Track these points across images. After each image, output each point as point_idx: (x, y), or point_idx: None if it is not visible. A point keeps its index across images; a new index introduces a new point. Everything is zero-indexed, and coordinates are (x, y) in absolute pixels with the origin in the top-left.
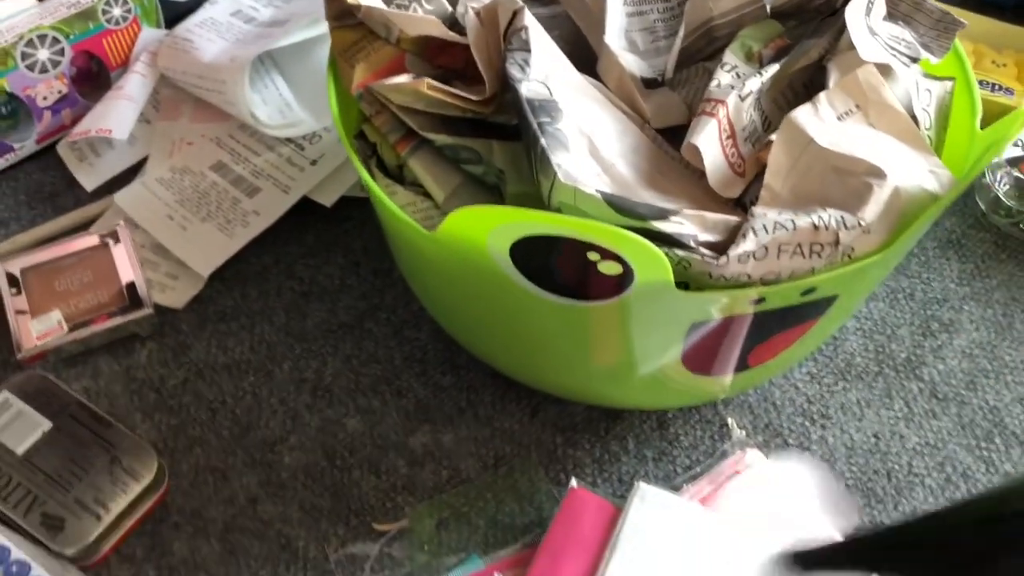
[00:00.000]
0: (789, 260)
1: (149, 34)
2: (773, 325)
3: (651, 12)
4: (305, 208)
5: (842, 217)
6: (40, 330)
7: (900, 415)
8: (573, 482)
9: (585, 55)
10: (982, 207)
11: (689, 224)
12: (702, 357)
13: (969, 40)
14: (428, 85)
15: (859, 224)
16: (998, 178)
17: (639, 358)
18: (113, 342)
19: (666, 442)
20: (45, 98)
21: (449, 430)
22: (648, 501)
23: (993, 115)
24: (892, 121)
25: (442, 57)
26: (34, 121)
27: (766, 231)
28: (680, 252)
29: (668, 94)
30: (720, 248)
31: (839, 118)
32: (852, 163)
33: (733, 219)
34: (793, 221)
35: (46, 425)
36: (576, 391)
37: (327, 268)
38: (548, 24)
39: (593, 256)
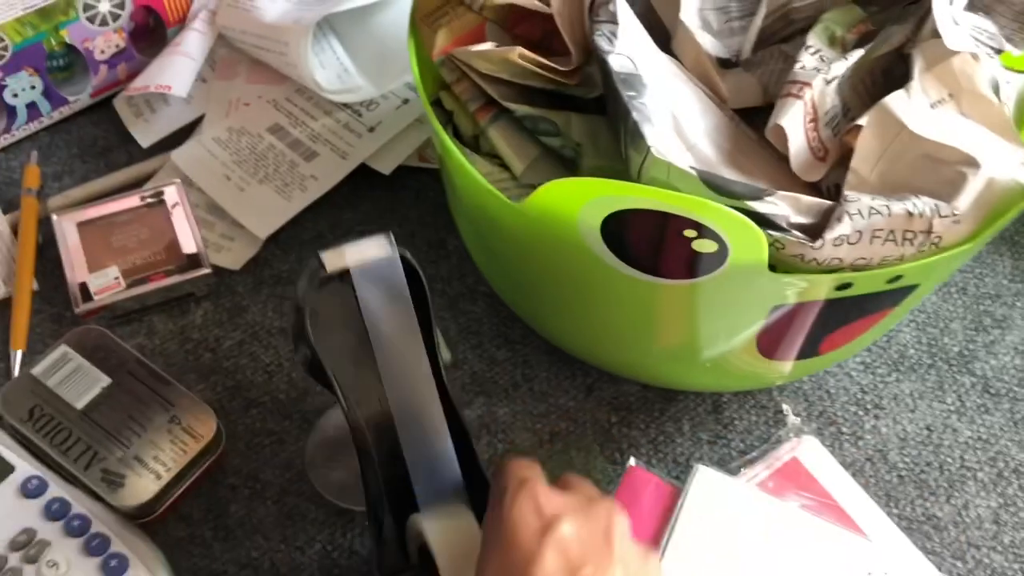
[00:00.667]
0: (882, 246)
1: None
2: (852, 312)
3: None
4: (362, 175)
5: (936, 205)
6: (98, 285)
7: (952, 408)
8: (632, 460)
9: (657, 34)
10: None
11: (784, 205)
12: (775, 340)
13: None
14: (520, 54)
15: (952, 213)
16: None
17: (710, 338)
18: (168, 301)
19: (721, 425)
20: (103, 51)
21: (504, 403)
22: (707, 483)
23: None
24: (985, 111)
25: (521, 26)
26: (90, 74)
27: (862, 216)
28: (775, 233)
29: (743, 75)
30: (811, 231)
31: (932, 106)
32: (946, 151)
33: (826, 203)
34: (888, 207)
35: (105, 381)
36: (637, 369)
37: None
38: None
39: (690, 233)
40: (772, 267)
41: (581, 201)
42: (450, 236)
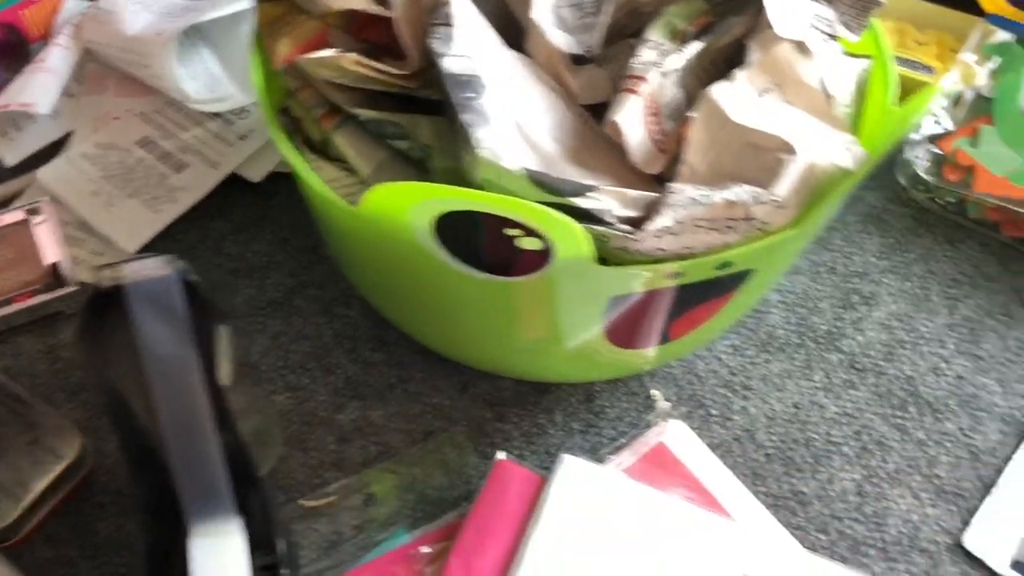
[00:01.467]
0: (704, 235)
1: (72, 5)
2: (692, 298)
3: None
4: (234, 184)
5: (755, 192)
6: None
7: (820, 386)
8: (500, 454)
9: (513, 31)
10: (903, 183)
11: (607, 199)
12: (624, 330)
13: (894, 19)
14: (352, 60)
15: (771, 200)
16: (918, 154)
17: (563, 332)
18: (36, 320)
19: (592, 414)
20: None
21: (379, 406)
22: (571, 472)
23: (914, 92)
24: (808, 98)
25: (369, 31)
26: None
27: (682, 206)
28: (598, 228)
29: (595, 71)
30: (640, 223)
31: (759, 95)
32: (766, 139)
33: (651, 195)
34: (708, 197)
35: None
36: (503, 365)
37: (255, 244)
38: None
39: (513, 232)
40: (604, 260)
41: (408, 204)
42: (323, 241)
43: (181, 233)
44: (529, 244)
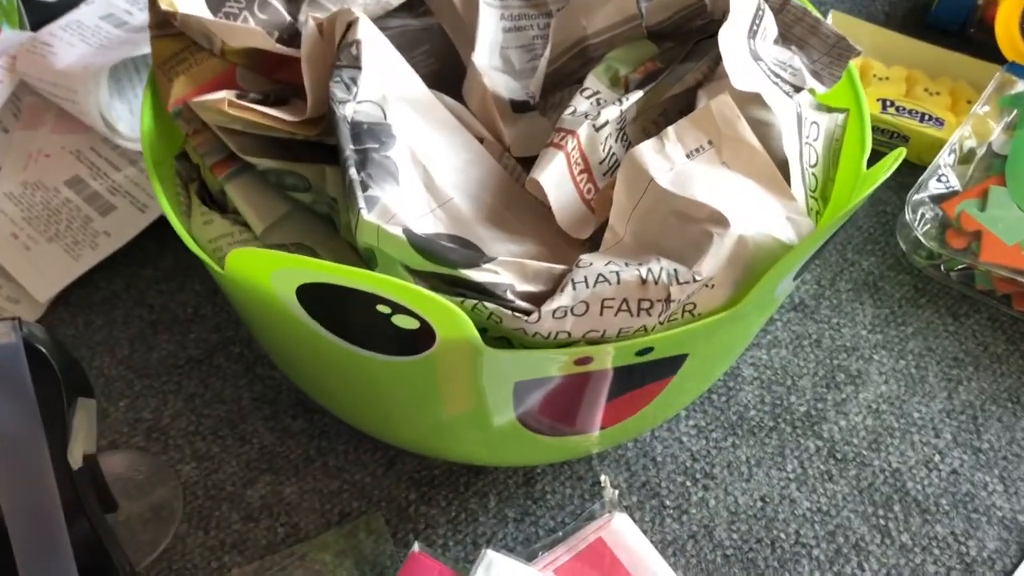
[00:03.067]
0: (614, 317)
1: (10, 36)
2: (622, 384)
3: (531, 28)
4: (168, 229)
5: (675, 270)
6: None
7: (792, 476)
8: (415, 546)
9: (457, 73)
10: (903, 247)
11: (505, 273)
12: (545, 416)
13: (905, 65)
14: (229, 103)
15: (694, 279)
16: (920, 216)
17: (468, 419)
18: None
19: (531, 500)
20: None
21: (293, 481)
22: (494, 569)
23: (923, 147)
24: (748, 160)
25: (280, 71)
26: None
27: (586, 284)
28: (490, 305)
29: (537, 119)
30: (538, 301)
31: (688, 155)
32: (694, 207)
33: (559, 268)
34: (618, 274)
35: None
36: (424, 448)
37: (181, 295)
38: (417, 38)
39: (384, 309)
40: (507, 340)
41: (267, 270)
42: None
43: (104, 280)
44: (404, 323)
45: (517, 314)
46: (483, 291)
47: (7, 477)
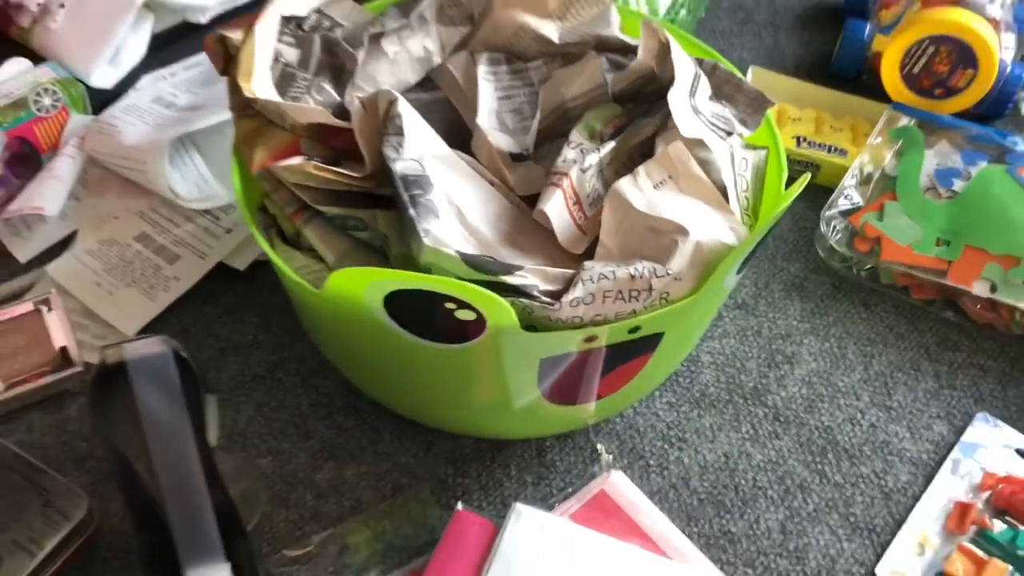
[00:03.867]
0: (613, 304)
1: (77, 120)
2: (616, 358)
3: (518, 96)
4: (221, 272)
5: (654, 268)
6: None
7: (747, 437)
8: (459, 505)
9: (461, 134)
10: (820, 254)
11: (532, 277)
12: (559, 389)
13: (813, 107)
14: (314, 166)
15: (667, 273)
16: (833, 228)
17: (507, 391)
18: (46, 398)
19: (544, 468)
20: None
21: (351, 466)
22: (523, 519)
23: (832, 173)
24: (697, 188)
25: (335, 139)
26: None
27: (592, 281)
28: (524, 300)
29: (531, 167)
30: (558, 296)
31: (655, 187)
32: (662, 223)
33: (569, 272)
34: (614, 272)
35: None
36: (460, 425)
37: (241, 326)
38: (429, 107)
39: (450, 306)
40: (535, 327)
41: (361, 285)
42: (301, 321)
43: (175, 317)
44: (464, 315)
45: (544, 304)
46: (517, 291)
47: (162, 454)
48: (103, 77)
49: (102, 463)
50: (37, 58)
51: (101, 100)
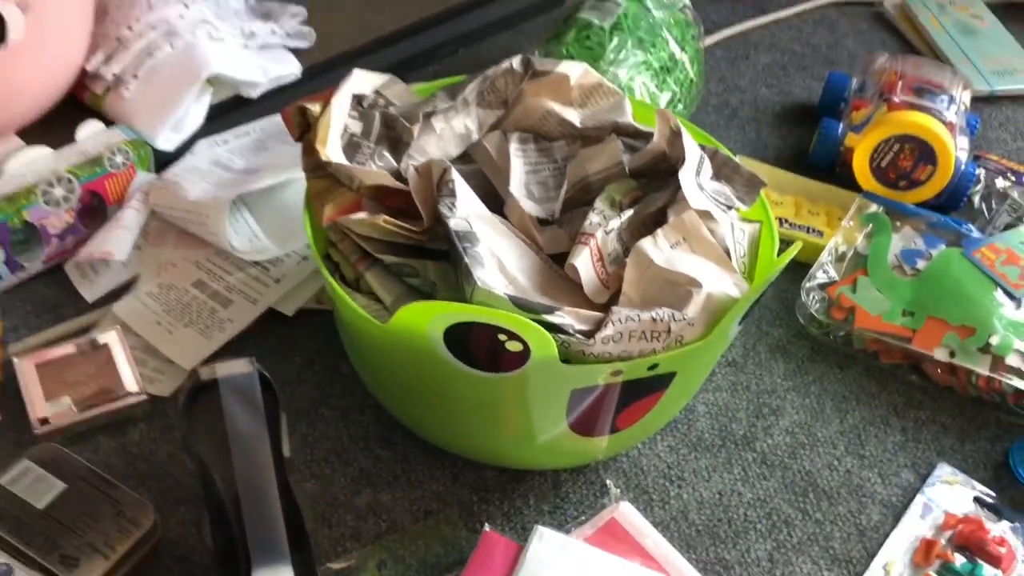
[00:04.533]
0: (638, 343)
1: (143, 177)
2: (633, 394)
3: (544, 170)
4: (270, 317)
5: (672, 313)
6: (53, 411)
7: (738, 477)
8: (486, 527)
9: (495, 200)
10: (801, 321)
11: (569, 317)
12: (583, 420)
13: (792, 195)
14: (384, 219)
15: (684, 318)
16: (812, 298)
17: (536, 420)
18: (111, 423)
19: (559, 498)
20: (55, 227)
21: (387, 491)
22: (545, 540)
23: (810, 251)
24: (707, 249)
25: (389, 200)
26: (43, 245)
27: (621, 322)
28: (562, 336)
29: (557, 230)
30: (592, 335)
31: (672, 246)
32: (679, 277)
33: (599, 315)
34: (639, 315)
35: (61, 486)
36: (487, 454)
37: (287, 365)
38: (467, 177)
39: (502, 337)
40: (567, 361)
41: (427, 318)
42: (343, 363)
43: (228, 356)
44: (513, 347)
45: (580, 340)
46: (556, 328)
47: (243, 462)
48: (167, 141)
49: (162, 482)
50: (107, 121)
51: (163, 160)
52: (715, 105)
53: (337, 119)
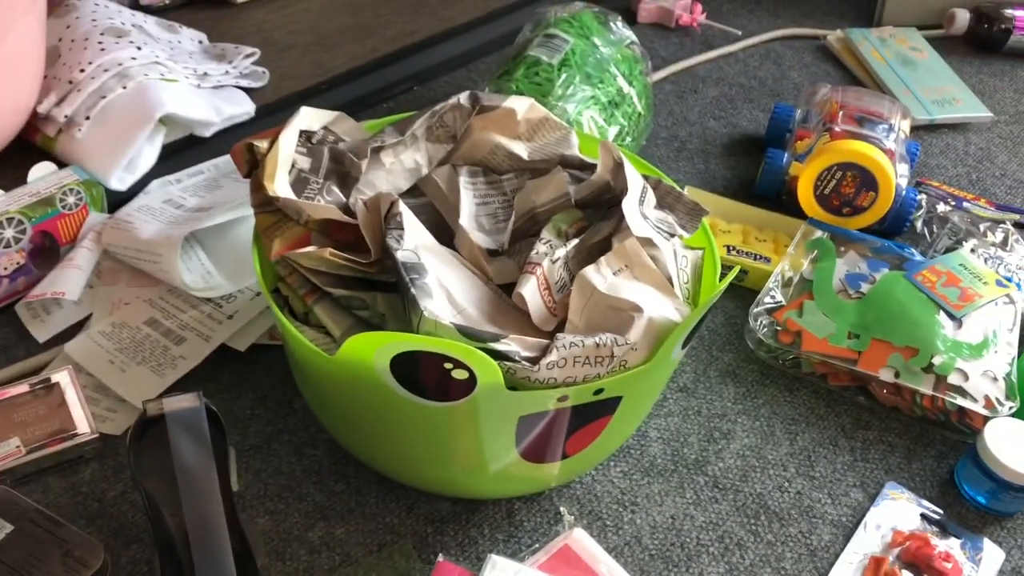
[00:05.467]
0: (582, 368)
1: (95, 217)
2: (581, 418)
3: (493, 202)
4: (223, 353)
5: (615, 338)
6: (1, 453)
7: (691, 501)
8: (440, 557)
9: (445, 232)
10: (750, 346)
11: (514, 344)
12: (533, 447)
13: (740, 222)
14: (330, 252)
15: (626, 343)
16: (760, 323)
17: (487, 448)
18: (62, 463)
19: (513, 527)
20: (5, 268)
21: (340, 525)
22: (498, 568)
23: (757, 277)
24: (649, 276)
25: (338, 233)
26: None
27: (565, 347)
28: (508, 363)
29: (506, 260)
30: (537, 361)
31: (614, 273)
32: (621, 303)
33: (545, 341)
34: (583, 341)
35: (8, 528)
36: (440, 484)
37: (240, 401)
38: (417, 210)
39: (448, 365)
40: (514, 388)
41: (373, 348)
42: (296, 397)
43: (181, 392)
44: (459, 375)
45: (525, 367)
46: (502, 356)
47: (191, 496)
48: (120, 181)
49: (114, 521)
50: (59, 163)
51: (116, 200)
52: (664, 138)
53: (285, 155)
